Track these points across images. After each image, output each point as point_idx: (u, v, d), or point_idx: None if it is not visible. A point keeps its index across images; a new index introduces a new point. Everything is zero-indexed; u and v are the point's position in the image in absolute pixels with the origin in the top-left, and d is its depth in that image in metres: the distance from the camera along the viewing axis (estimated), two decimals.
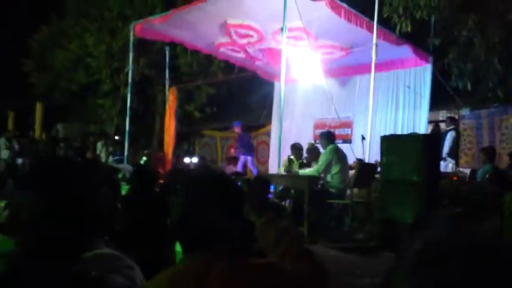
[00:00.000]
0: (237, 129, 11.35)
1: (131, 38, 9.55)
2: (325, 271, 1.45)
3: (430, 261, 0.57)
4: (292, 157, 8.42)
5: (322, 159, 6.95)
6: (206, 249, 1.29)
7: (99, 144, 13.70)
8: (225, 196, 1.35)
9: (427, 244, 0.60)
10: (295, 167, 7.81)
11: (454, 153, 8.95)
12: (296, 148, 8.41)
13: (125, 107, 9.74)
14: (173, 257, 3.39)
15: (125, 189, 4.55)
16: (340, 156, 7.07)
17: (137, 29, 9.27)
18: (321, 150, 7.42)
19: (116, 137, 12.26)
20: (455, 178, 7.39)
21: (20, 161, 12.81)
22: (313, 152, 7.61)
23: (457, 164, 9.07)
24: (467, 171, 8.98)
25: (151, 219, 3.37)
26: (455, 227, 0.62)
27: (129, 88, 9.77)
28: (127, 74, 9.98)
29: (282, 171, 7.75)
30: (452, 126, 9.09)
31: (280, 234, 1.47)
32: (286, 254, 1.43)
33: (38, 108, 18.19)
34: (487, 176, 7.43)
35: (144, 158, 12.62)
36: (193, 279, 1.22)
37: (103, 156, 12.15)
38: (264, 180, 5.50)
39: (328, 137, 7.25)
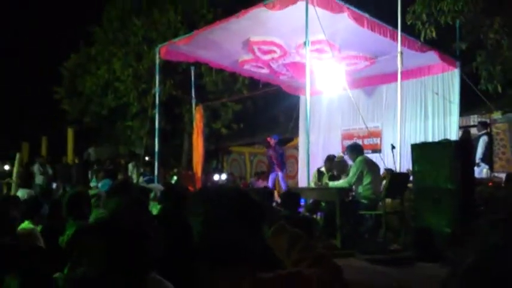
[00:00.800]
0: (273, 142, 11.35)
1: (157, 61, 9.74)
2: (341, 273, 1.44)
3: (485, 270, 0.56)
4: (322, 169, 8.35)
5: (353, 171, 6.88)
6: (229, 267, 1.29)
7: (130, 166, 13.94)
8: (243, 212, 1.34)
9: (481, 254, 0.58)
10: (325, 179, 7.75)
11: (487, 158, 8.72)
12: (330, 160, 8.34)
13: (153, 127, 9.90)
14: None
15: (156, 208, 4.61)
16: (371, 166, 6.98)
17: (162, 51, 9.45)
18: (349, 162, 7.34)
19: (146, 158, 12.44)
20: (490, 184, 7.19)
21: (54, 185, 13.14)
22: (341, 164, 7.54)
23: (491, 169, 8.84)
24: (503, 175, 8.74)
25: (181, 239, 3.39)
26: (505, 237, 0.59)
27: (156, 109, 9.93)
28: (154, 95, 10.15)
29: (312, 184, 7.70)
30: (484, 131, 8.87)
31: (292, 241, 1.46)
32: (300, 261, 1.41)
33: (70, 133, 18.67)
34: None
35: (175, 178, 12.76)
36: None
37: (134, 177, 12.33)
38: (293, 193, 5.47)
39: (356, 149, 7.18)
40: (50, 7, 24.54)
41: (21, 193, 8.38)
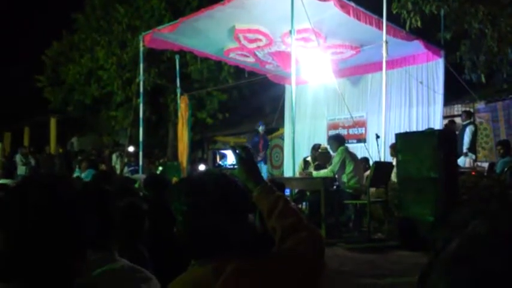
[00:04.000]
0: (262, 131, 10.86)
1: (141, 49, 9.63)
2: (320, 240, 1.43)
3: (467, 258, 0.55)
4: (308, 159, 8.35)
5: (335, 160, 6.93)
6: (213, 254, 1.27)
7: (113, 156, 13.81)
8: (227, 199, 1.32)
9: (464, 242, 0.58)
10: (311, 169, 7.77)
11: (473, 147, 8.81)
12: (315, 149, 8.34)
13: (138, 117, 9.79)
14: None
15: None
16: (352, 156, 7.05)
17: (146, 39, 9.34)
18: (332, 153, 7.37)
19: (130, 148, 12.34)
20: (473, 173, 7.27)
21: None
22: (325, 155, 7.56)
23: (475, 158, 8.93)
24: (486, 165, 8.84)
25: (164, 227, 3.35)
26: (490, 223, 0.59)
27: (141, 98, 9.82)
28: (138, 84, 10.04)
29: (297, 174, 7.70)
30: (469, 120, 8.94)
31: (271, 205, 1.45)
32: (275, 230, 1.41)
33: (52, 123, 18.42)
34: (506, 169, 7.32)
35: (160, 168, 12.68)
36: (204, 285, 1.21)
37: (118, 167, 12.23)
38: (277, 183, 5.45)
39: (337, 140, 7.23)
40: None
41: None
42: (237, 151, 1.57)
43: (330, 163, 7.16)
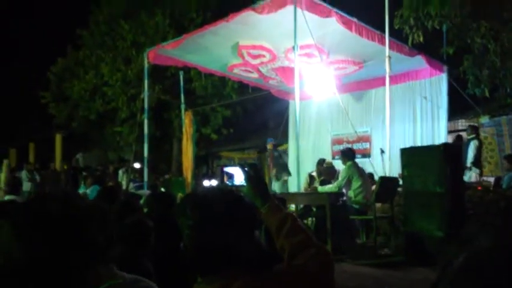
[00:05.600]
0: (270, 146, 10.79)
1: (145, 65, 9.68)
2: (329, 257, 1.44)
3: (473, 272, 0.55)
4: (313, 173, 8.34)
5: (342, 175, 6.92)
6: (220, 271, 1.27)
7: (120, 172, 13.82)
8: (234, 214, 1.32)
9: (470, 257, 0.58)
10: (316, 184, 7.75)
11: (478, 162, 8.77)
12: (320, 164, 8.33)
13: (143, 133, 9.82)
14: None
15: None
16: (360, 172, 7.03)
17: (151, 55, 9.40)
18: (338, 168, 7.38)
19: (136, 164, 12.36)
20: (479, 188, 7.23)
21: None
22: (329, 170, 7.56)
23: (480, 173, 8.89)
24: (492, 179, 8.80)
25: (169, 243, 3.35)
26: (496, 239, 0.60)
27: (145, 114, 9.86)
28: (143, 100, 10.08)
29: (303, 189, 7.69)
30: (474, 135, 8.92)
31: (280, 223, 1.46)
32: (284, 249, 1.42)
33: (58, 139, 18.48)
34: None
35: (162, 189, 12.65)
36: None
37: (124, 183, 12.23)
38: (278, 198, 5.44)
39: (347, 154, 7.24)
40: (38, 10, 24.38)
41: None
42: (246, 169, 1.58)
43: (335, 178, 7.16)
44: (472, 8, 8.33)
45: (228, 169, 9.49)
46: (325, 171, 7.65)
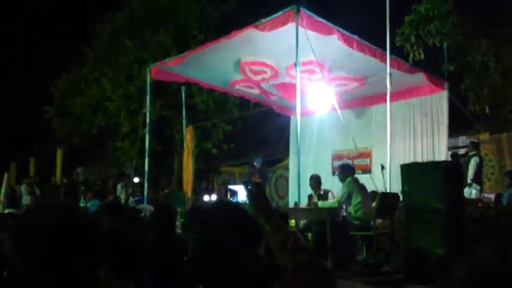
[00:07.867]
0: (258, 165, 11.22)
1: (148, 81, 9.74)
2: (331, 275, 1.44)
3: (474, 286, 0.57)
4: (311, 193, 8.31)
5: (343, 191, 6.91)
6: (223, 284, 1.27)
7: (118, 186, 13.80)
8: (237, 228, 1.34)
9: (473, 271, 0.60)
10: (314, 199, 7.74)
11: (479, 178, 8.77)
12: (313, 178, 8.33)
13: (144, 148, 9.84)
14: None
15: None
16: (360, 187, 7.02)
17: (153, 71, 9.46)
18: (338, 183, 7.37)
19: (136, 179, 12.34)
20: (480, 204, 7.22)
21: None
22: (314, 180, 7.75)
23: (481, 189, 8.89)
24: (492, 196, 8.79)
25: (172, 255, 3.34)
26: (498, 254, 0.61)
27: (147, 129, 9.89)
28: (145, 115, 10.12)
29: None
30: (475, 152, 8.94)
31: (284, 241, 1.47)
32: (287, 264, 1.42)
33: (59, 153, 18.50)
34: None
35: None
36: None
37: (122, 197, 12.21)
38: (280, 213, 5.43)
39: (345, 169, 7.23)
40: (41, 26, 24.61)
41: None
42: (249, 187, 1.59)
43: (320, 189, 7.17)
44: (473, 27, 8.43)
45: (232, 187, 9.58)
46: (310, 181, 7.81)
